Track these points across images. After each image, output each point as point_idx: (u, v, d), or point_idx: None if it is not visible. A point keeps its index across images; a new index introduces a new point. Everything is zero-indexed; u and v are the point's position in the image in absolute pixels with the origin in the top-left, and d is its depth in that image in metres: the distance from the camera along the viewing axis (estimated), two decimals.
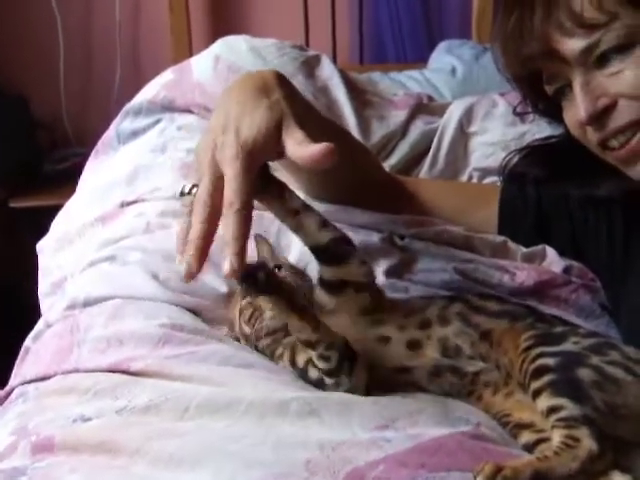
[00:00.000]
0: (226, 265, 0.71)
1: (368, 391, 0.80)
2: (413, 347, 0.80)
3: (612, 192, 1.03)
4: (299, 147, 0.78)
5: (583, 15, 0.91)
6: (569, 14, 0.92)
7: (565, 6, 0.93)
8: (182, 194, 0.83)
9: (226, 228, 0.73)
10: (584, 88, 0.94)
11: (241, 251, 0.72)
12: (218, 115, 0.84)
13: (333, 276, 0.82)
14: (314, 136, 0.81)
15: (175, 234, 0.80)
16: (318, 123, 1.01)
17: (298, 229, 0.82)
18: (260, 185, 0.78)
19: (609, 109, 0.94)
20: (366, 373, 0.80)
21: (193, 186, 0.83)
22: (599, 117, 0.94)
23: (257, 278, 0.74)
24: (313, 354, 0.78)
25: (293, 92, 0.92)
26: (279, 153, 0.82)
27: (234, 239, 0.72)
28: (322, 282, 0.84)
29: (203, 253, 0.73)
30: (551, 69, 0.99)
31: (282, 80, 0.90)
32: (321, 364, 0.78)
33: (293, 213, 0.80)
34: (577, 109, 0.96)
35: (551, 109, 1.06)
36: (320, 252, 0.82)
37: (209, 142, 0.81)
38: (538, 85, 1.03)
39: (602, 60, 0.92)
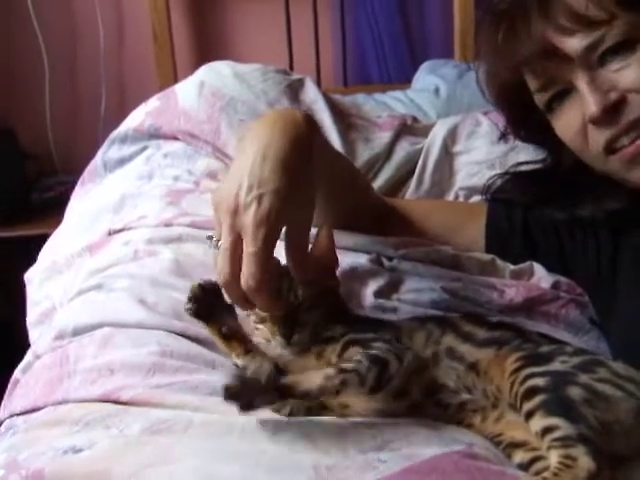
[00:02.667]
0: None
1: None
2: (399, 397, 0.79)
3: (595, 214, 1.04)
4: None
5: (584, 13, 0.91)
6: (568, 14, 0.92)
7: (562, 7, 0.93)
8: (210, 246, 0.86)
9: (256, 303, 0.80)
10: (591, 85, 0.93)
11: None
12: (245, 162, 0.83)
13: None
14: (326, 177, 0.89)
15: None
16: (333, 165, 1.03)
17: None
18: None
19: (619, 104, 0.93)
20: None
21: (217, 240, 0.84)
22: (609, 112, 0.93)
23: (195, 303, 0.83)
24: None
25: (318, 136, 0.93)
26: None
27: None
28: None
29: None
30: (549, 71, 0.97)
31: (310, 126, 0.90)
32: None
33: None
34: (587, 106, 0.94)
35: (533, 134, 1.07)
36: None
37: (231, 198, 0.80)
38: (522, 107, 1.03)
39: (606, 57, 0.92)
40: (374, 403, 0.79)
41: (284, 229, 0.82)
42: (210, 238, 0.86)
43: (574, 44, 0.93)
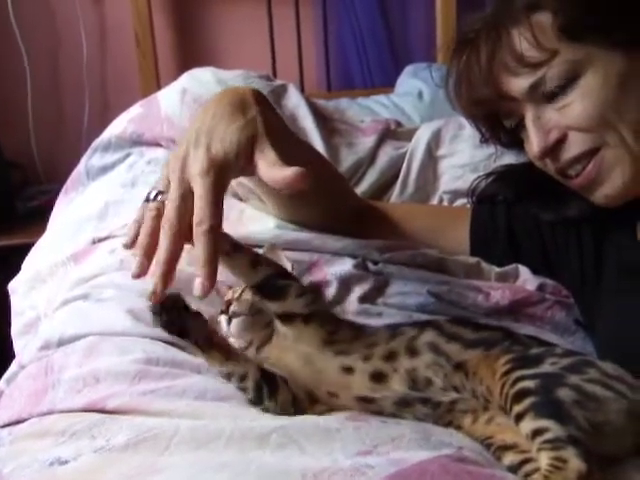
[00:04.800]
0: (197, 287, 0.75)
1: (304, 410, 0.81)
2: (377, 379, 0.80)
3: (583, 211, 1.04)
4: (271, 169, 0.79)
5: (524, 55, 0.94)
6: (512, 55, 0.95)
7: (508, 47, 0.96)
8: (147, 200, 0.83)
9: (197, 249, 0.76)
10: (535, 123, 0.97)
11: (213, 273, 0.75)
12: (192, 128, 0.85)
13: (277, 309, 0.83)
14: (289, 155, 0.82)
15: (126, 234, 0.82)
16: (294, 143, 1.01)
17: (232, 270, 0.84)
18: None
19: (560, 142, 0.96)
20: (291, 392, 0.81)
21: (159, 192, 0.82)
22: (552, 149, 0.97)
23: (164, 316, 0.79)
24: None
25: (270, 110, 0.92)
26: (250, 172, 0.82)
27: (206, 261, 0.75)
28: (275, 314, 0.85)
29: (170, 277, 0.77)
30: (504, 108, 1.01)
31: (260, 97, 0.90)
32: (243, 395, 0.81)
33: (224, 254, 0.80)
34: (530, 146, 0.99)
35: (514, 140, 1.07)
36: (257, 289, 0.84)
37: (180, 153, 0.81)
38: (497, 121, 1.05)
39: (550, 95, 0.95)
40: (353, 382, 0.80)
41: None
42: (147, 199, 0.84)
43: (519, 85, 0.96)
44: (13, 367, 0.98)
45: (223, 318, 0.88)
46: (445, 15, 2.34)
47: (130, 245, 0.84)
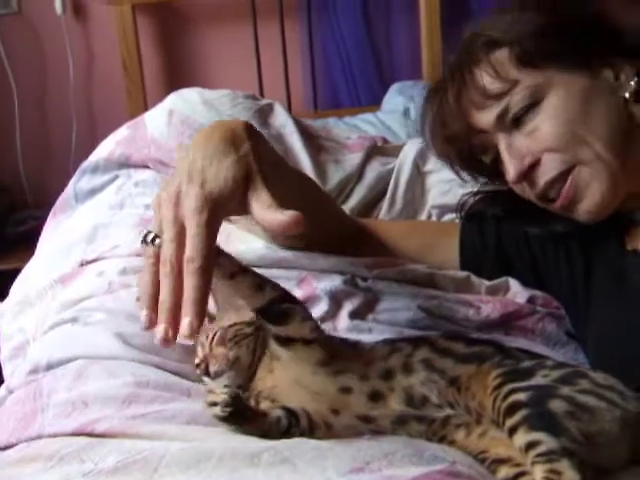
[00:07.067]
0: (185, 326, 0.72)
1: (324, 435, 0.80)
2: (375, 398, 0.80)
3: (570, 227, 1.05)
4: (266, 211, 0.79)
5: (487, 88, 0.99)
6: (477, 90, 1.00)
7: (472, 84, 1.00)
8: (145, 242, 0.81)
9: (187, 287, 0.73)
10: (509, 151, 1.00)
11: (202, 312, 0.73)
12: (183, 163, 0.83)
13: (279, 333, 0.82)
14: (281, 185, 0.83)
15: (137, 287, 0.79)
16: (285, 173, 1.01)
17: (235, 293, 0.83)
18: None
19: (535, 166, 0.99)
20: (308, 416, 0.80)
21: (155, 236, 0.80)
22: (528, 174, 0.99)
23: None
24: None
25: (262, 143, 0.92)
26: (243, 210, 0.82)
27: (195, 300, 0.73)
28: (272, 335, 0.83)
29: (177, 319, 0.73)
30: (477, 143, 1.04)
31: (251, 131, 0.89)
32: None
33: (228, 277, 0.79)
34: (507, 173, 1.01)
35: (495, 174, 1.09)
36: (261, 313, 0.82)
37: (172, 190, 0.79)
38: (471, 158, 1.08)
39: (517, 121, 0.99)
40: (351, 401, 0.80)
41: None
42: (145, 241, 0.82)
43: (486, 117, 1.00)
44: (2, 392, 0.98)
45: (207, 380, 0.85)
46: (430, 33, 2.36)
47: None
